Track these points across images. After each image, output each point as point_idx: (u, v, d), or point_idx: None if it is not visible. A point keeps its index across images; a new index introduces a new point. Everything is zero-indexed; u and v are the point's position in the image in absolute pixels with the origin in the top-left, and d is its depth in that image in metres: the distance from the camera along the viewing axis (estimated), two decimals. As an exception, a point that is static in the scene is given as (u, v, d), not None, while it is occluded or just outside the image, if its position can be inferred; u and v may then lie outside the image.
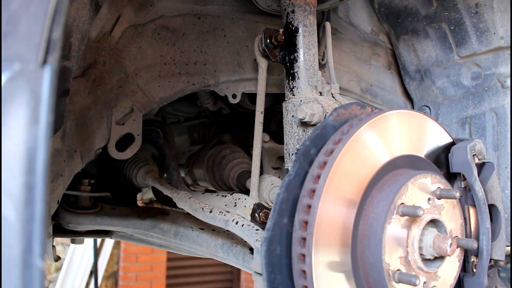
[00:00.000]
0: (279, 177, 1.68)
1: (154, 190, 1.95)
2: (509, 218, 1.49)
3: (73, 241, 1.92)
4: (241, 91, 1.62)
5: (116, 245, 5.99)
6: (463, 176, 1.13)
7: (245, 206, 1.29)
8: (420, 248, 0.96)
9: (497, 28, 1.58)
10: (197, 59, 1.55)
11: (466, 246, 1.02)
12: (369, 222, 0.94)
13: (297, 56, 1.30)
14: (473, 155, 1.12)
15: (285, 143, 1.30)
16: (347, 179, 0.93)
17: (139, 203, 2.77)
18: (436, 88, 1.82)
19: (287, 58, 1.33)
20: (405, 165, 1.04)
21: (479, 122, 1.69)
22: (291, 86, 1.31)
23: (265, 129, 1.85)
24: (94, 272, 4.79)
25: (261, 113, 1.38)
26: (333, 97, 1.33)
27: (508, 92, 1.63)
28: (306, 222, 0.89)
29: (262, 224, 1.24)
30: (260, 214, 1.25)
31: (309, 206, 0.89)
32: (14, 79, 0.55)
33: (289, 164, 1.27)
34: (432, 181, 1.02)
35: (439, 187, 1.03)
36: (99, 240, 5.46)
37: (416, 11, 1.73)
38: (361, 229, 0.94)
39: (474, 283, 1.09)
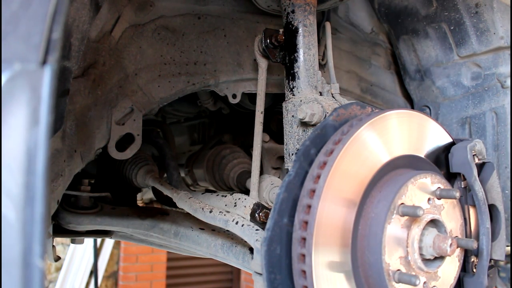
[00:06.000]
0: (279, 177, 1.68)
1: (154, 190, 1.95)
2: (509, 218, 1.49)
3: (73, 241, 1.92)
4: (241, 91, 1.62)
5: (116, 245, 5.99)
6: (463, 176, 1.13)
7: (245, 206, 1.29)
8: (420, 248, 0.96)
9: (497, 28, 1.58)
10: (197, 59, 1.55)
11: (466, 246, 1.02)
12: (369, 222, 0.94)
13: (297, 56, 1.30)
14: (473, 155, 1.12)
15: (285, 143, 1.29)
16: (347, 179, 0.93)
17: (139, 203, 2.77)
18: (436, 88, 1.82)
19: (287, 58, 1.33)
20: (405, 165, 1.04)
21: (479, 122, 1.69)
22: (291, 86, 1.31)
23: (265, 129, 1.85)
24: (94, 272, 4.79)
25: (261, 113, 1.38)
26: (333, 97, 1.33)
27: (508, 92, 1.63)
28: (306, 222, 0.88)
29: (262, 224, 1.24)
30: (260, 214, 1.25)
31: (309, 206, 0.89)
32: (14, 79, 0.55)
33: (289, 164, 1.27)
34: (432, 181, 1.02)
35: (439, 187, 1.03)
36: (99, 240, 5.46)
37: (416, 11, 1.73)
38: (361, 229, 0.94)
39: (474, 283, 1.09)
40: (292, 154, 1.26)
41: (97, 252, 5.28)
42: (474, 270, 1.11)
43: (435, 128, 1.13)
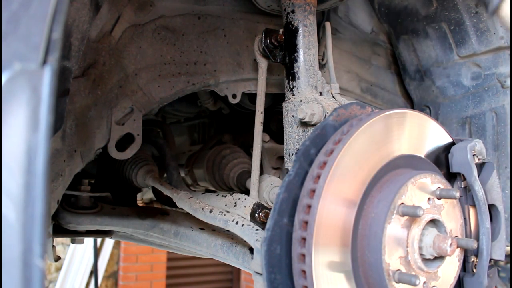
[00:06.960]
0: (279, 177, 1.68)
1: (154, 190, 1.95)
2: (509, 218, 1.49)
3: (73, 241, 1.92)
4: (241, 91, 1.62)
5: (116, 245, 5.99)
6: (463, 176, 1.13)
7: (245, 206, 1.29)
8: (420, 248, 0.96)
9: (497, 28, 1.58)
10: (197, 59, 1.55)
11: (466, 246, 1.02)
12: (369, 222, 0.94)
13: (297, 56, 1.30)
14: (473, 155, 1.12)
15: (285, 143, 1.30)
16: (347, 179, 0.93)
17: (139, 203, 2.77)
18: (436, 88, 1.81)
19: (287, 58, 1.33)
20: (405, 165, 1.04)
21: (479, 122, 1.69)
22: (291, 86, 1.31)
23: (265, 129, 1.85)
24: (94, 272, 4.79)
25: (261, 113, 1.38)
26: (333, 97, 1.33)
27: (508, 92, 1.63)
28: (306, 222, 0.89)
29: (262, 224, 1.24)
30: (260, 214, 1.25)
31: (309, 206, 0.89)
32: (14, 79, 0.55)
33: (289, 164, 1.27)
34: (432, 181, 1.02)
35: (439, 187, 1.03)
36: (99, 240, 5.46)
37: (416, 11, 1.73)
38: (361, 229, 0.94)
39: (474, 283, 1.09)
40: (292, 154, 1.26)
41: (97, 252, 5.28)
42: (474, 270, 1.11)
43: (435, 128, 1.13)
